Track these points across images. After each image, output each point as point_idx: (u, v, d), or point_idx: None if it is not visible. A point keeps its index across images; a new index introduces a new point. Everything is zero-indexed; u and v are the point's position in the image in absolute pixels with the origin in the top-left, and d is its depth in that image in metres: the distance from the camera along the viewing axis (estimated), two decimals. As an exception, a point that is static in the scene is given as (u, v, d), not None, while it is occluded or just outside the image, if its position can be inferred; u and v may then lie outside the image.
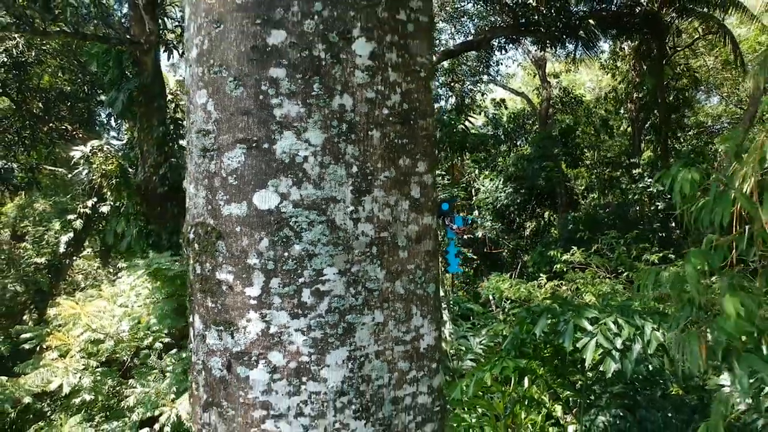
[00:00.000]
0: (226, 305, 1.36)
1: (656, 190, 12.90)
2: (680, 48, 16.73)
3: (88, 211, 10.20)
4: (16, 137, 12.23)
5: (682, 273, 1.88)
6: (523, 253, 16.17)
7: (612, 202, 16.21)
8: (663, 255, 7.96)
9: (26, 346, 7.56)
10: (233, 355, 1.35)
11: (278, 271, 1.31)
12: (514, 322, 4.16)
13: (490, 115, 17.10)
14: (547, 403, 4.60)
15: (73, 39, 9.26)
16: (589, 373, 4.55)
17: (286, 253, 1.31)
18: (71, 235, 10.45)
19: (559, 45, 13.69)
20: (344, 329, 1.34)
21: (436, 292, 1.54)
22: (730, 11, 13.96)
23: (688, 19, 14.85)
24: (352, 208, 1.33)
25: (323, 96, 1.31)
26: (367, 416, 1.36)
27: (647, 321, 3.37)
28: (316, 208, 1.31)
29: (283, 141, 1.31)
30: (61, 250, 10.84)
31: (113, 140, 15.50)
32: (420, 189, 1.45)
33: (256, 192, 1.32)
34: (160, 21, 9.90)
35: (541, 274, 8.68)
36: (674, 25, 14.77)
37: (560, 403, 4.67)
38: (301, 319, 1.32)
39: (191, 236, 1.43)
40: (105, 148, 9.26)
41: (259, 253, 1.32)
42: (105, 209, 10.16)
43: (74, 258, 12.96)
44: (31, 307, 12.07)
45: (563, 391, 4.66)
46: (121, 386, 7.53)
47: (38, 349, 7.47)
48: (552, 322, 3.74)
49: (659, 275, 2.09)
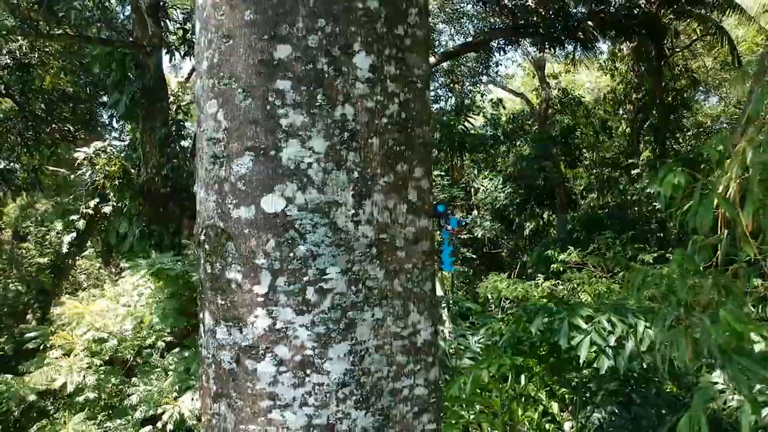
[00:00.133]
0: (235, 302, 1.45)
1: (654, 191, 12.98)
2: (679, 49, 16.83)
3: (91, 212, 10.29)
4: (19, 138, 12.32)
5: (668, 273, 1.97)
6: (522, 253, 16.27)
7: (610, 202, 16.30)
8: (659, 255, 8.06)
9: (30, 345, 7.65)
10: (242, 349, 1.44)
11: (284, 271, 1.40)
12: (511, 320, 4.25)
13: (489, 116, 17.20)
14: (543, 400, 4.69)
15: (77, 41, 9.35)
16: (585, 371, 4.63)
17: (292, 254, 1.40)
18: (74, 235, 10.55)
19: (558, 46, 13.76)
20: (346, 325, 1.43)
21: (432, 290, 1.63)
22: (727, 13, 14.05)
23: (686, 21, 14.94)
24: (353, 212, 1.42)
25: (326, 106, 1.40)
26: (367, 406, 1.45)
27: (640, 319, 3.47)
28: (319, 212, 1.40)
29: (289, 148, 1.39)
30: (64, 250, 10.93)
31: (115, 141, 15.60)
32: (417, 193, 1.54)
33: (264, 196, 1.40)
34: (162, 23, 9.99)
35: (539, 274, 8.77)
36: (672, 27, 14.86)
37: (556, 400, 4.76)
38: (306, 315, 1.41)
39: (202, 238, 1.52)
40: (108, 150, 9.36)
41: (266, 254, 1.41)
42: (107, 210, 10.26)
43: (77, 258, 13.05)
44: (35, 306, 12.16)
45: (559, 388, 4.75)
46: (123, 385, 7.63)
47: (42, 348, 7.56)
48: (548, 321, 3.83)
49: (646, 275, 2.19)
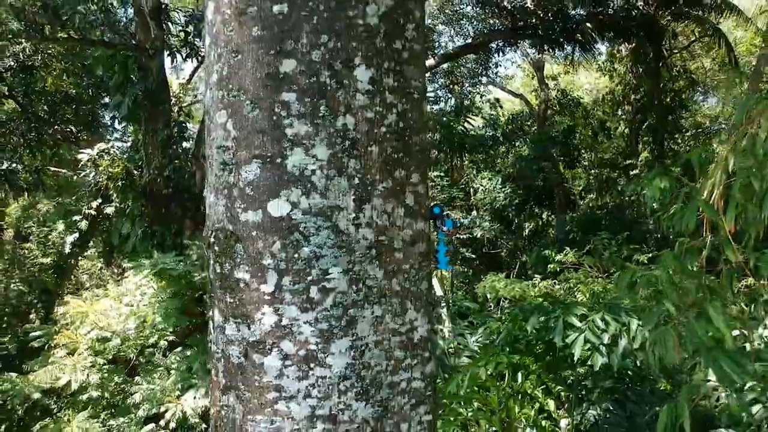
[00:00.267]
0: (244, 300, 1.54)
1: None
2: (677, 50, 16.92)
3: (93, 212, 10.39)
4: (22, 139, 12.42)
5: (655, 274, 2.06)
6: (521, 253, 16.36)
7: (609, 202, 16.40)
8: (654, 255, 8.13)
9: (35, 344, 7.75)
10: (249, 344, 1.54)
11: (289, 271, 1.50)
12: (508, 319, 4.34)
13: (487, 116, 17.30)
14: (540, 398, 4.77)
15: (80, 44, 9.46)
16: (581, 369, 4.73)
17: (296, 255, 1.50)
18: (76, 235, 10.65)
19: (557, 48, 13.86)
20: (347, 321, 1.53)
21: (428, 289, 1.73)
22: (725, 14, 14.15)
23: (684, 23, 15.03)
24: (354, 215, 1.52)
25: (329, 117, 1.50)
26: (367, 398, 1.55)
27: (633, 318, 3.56)
28: (322, 215, 1.50)
29: (294, 156, 1.49)
30: (67, 250, 11.04)
31: (117, 142, 15.70)
32: (414, 198, 1.64)
33: (270, 201, 1.50)
34: (164, 26, 10.09)
35: (536, 274, 8.86)
36: (670, 28, 14.95)
37: (553, 398, 4.85)
38: (309, 313, 1.51)
39: (212, 240, 1.62)
40: (111, 152, 9.46)
41: (273, 255, 1.50)
42: (109, 210, 10.35)
43: (79, 258, 13.15)
44: (38, 306, 12.26)
45: (555, 386, 4.83)
46: (126, 383, 7.72)
47: (47, 347, 7.66)
48: (543, 320, 3.92)
49: (634, 275, 2.28)
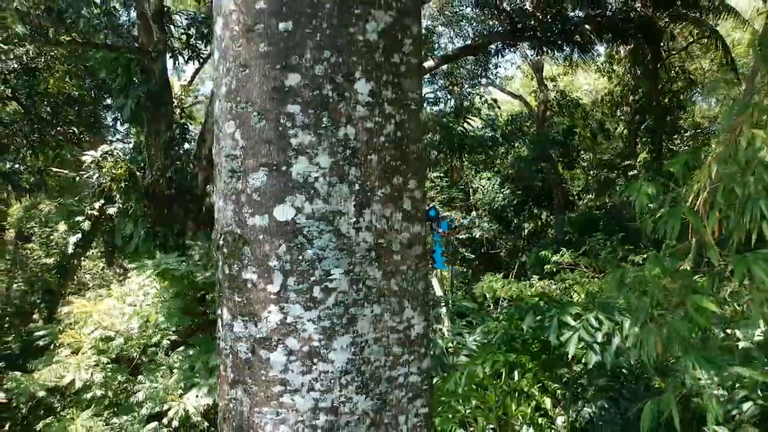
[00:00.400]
0: (251, 299, 1.64)
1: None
2: (675, 52, 17.01)
3: (96, 213, 10.49)
4: (24, 140, 12.52)
5: (642, 275, 2.16)
6: (521, 254, 16.45)
7: (608, 203, 16.49)
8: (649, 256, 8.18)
9: (40, 343, 7.84)
10: (256, 341, 1.64)
11: (294, 272, 1.60)
12: (504, 318, 4.44)
13: (485, 117, 17.38)
14: (536, 396, 4.86)
15: (84, 47, 9.57)
16: (576, 368, 4.82)
17: (301, 257, 1.60)
18: (79, 236, 10.75)
19: (556, 50, 13.95)
20: (348, 319, 1.62)
21: (425, 289, 1.83)
22: (722, 16, 14.24)
23: (682, 24, 15.12)
24: (354, 220, 1.62)
25: (331, 127, 1.60)
26: (367, 391, 1.65)
27: (626, 317, 3.66)
28: (325, 220, 1.59)
29: (298, 164, 1.59)
30: (70, 250, 11.14)
31: (119, 143, 15.82)
32: (411, 203, 1.73)
33: (276, 206, 1.60)
34: (167, 29, 10.19)
35: (534, 275, 8.95)
36: (668, 30, 15.05)
37: (549, 396, 4.93)
38: (313, 311, 1.60)
39: (221, 242, 1.71)
40: (115, 153, 9.57)
41: (278, 257, 1.60)
42: (112, 211, 10.46)
43: (82, 258, 13.25)
44: (41, 306, 12.36)
45: (552, 384, 4.92)
46: (129, 382, 7.81)
47: (51, 346, 7.75)
48: (539, 319, 4.02)
49: (623, 276, 2.37)
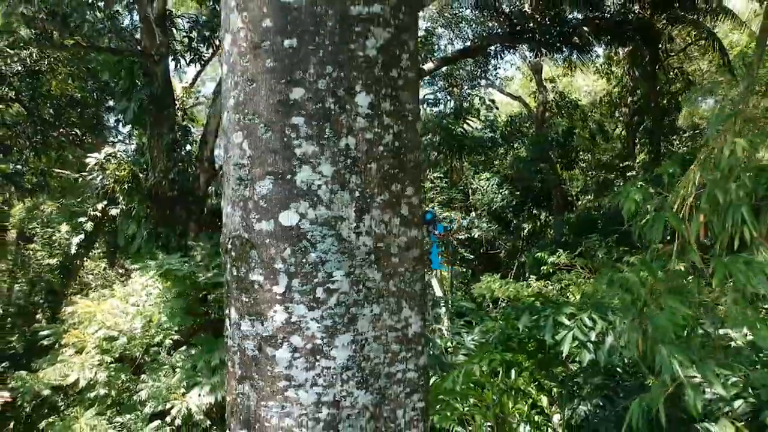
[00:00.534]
0: (258, 300, 1.74)
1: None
2: (673, 53, 17.11)
3: (99, 214, 10.59)
4: (27, 142, 12.63)
5: (625, 276, 2.26)
6: (520, 254, 16.55)
7: (606, 204, 16.58)
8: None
9: (44, 342, 7.94)
10: (263, 339, 1.74)
11: (298, 274, 1.69)
12: (500, 318, 4.53)
13: (483, 117, 17.50)
14: (533, 394, 4.95)
15: (88, 51, 9.68)
16: (572, 366, 4.92)
17: (304, 260, 1.69)
18: (82, 236, 10.85)
19: (554, 52, 14.05)
20: (349, 319, 1.72)
21: (422, 290, 1.93)
22: (720, 18, 14.34)
23: (679, 26, 15.22)
24: (355, 225, 1.71)
25: (333, 138, 1.69)
26: (367, 386, 1.74)
27: (618, 316, 3.75)
28: (327, 225, 1.69)
29: (302, 173, 1.69)
30: (73, 251, 11.24)
31: (120, 144, 15.92)
32: (408, 208, 1.83)
33: (281, 212, 1.69)
34: (169, 32, 10.29)
35: (532, 275, 9.05)
36: (666, 32, 15.14)
37: (545, 394, 5.03)
38: (316, 311, 1.70)
39: (229, 246, 1.81)
40: (118, 155, 9.68)
41: (284, 260, 1.70)
42: (114, 212, 10.56)
43: (85, 259, 13.34)
44: (44, 306, 12.45)
45: (548, 382, 5.02)
46: (132, 381, 7.92)
47: (56, 345, 7.85)
48: (534, 318, 4.12)
49: (612, 277, 2.47)
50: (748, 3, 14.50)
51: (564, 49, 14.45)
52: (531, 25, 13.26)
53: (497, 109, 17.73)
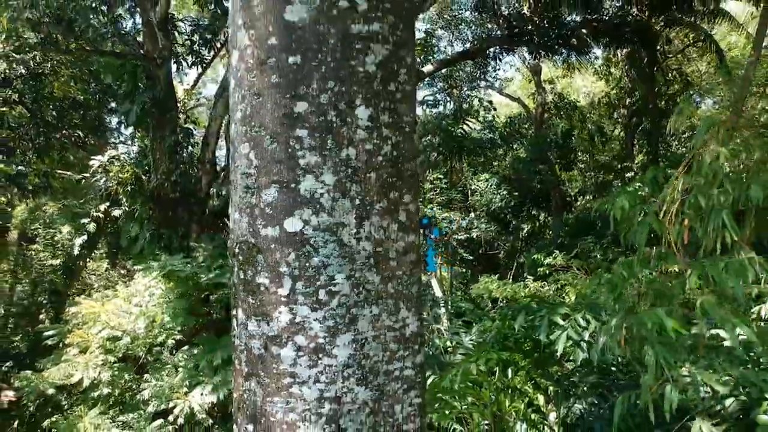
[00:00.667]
0: (263, 301, 1.84)
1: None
2: (671, 55, 17.21)
3: (101, 215, 10.69)
4: (30, 143, 12.73)
5: (616, 278, 2.36)
6: (519, 255, 16.64)
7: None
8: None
9: (49, 342, 8.04)
10: (269, 338, 1.84)
11: (302, 277, 1.79)
12: (497, 318, 4.63)
13: (482, 119, 17.59)
14: (529, 392, 5.05)
15: (91, 54, 9.79)
16: (568, 365, 5.01)
17: (308, 264, 1.79)
18: (85, 237, 10.95)
19: (553, 53, 14.15)
20: (350, 319, 1.81)
21: (418, 292, 2.03)
22: (717, 20, 14.44)
23: (677, 28, 15.32)
24: (355, 231, 1.81)
25: (334, 149, 1.80)
26: (367, 383, 1.84)
27: (609, 316, 3.85)
28: (329, 231, 1.79)
29: (306, 182, 1.79)
30: (75, 252, 11.34)
31: (123, 146, 16.02)
32: (406, 215, 1.93)
33: (286, 219, 1.79)
34: (171, 35, 10.40)
35: (528, 276, 9.15)
36: (664, 34, 15.24)
37: (542, 392, 5.13)
38: (318, 312, 1.80)
39: (236, 250, 1.92)
40: (121, 158, 9.79)
41: (288, 264, 1.80)
42: (117, 213, 10.66)
43: (87, 260, 13.44)
44: (48, 306, 12.54)
45: (544, 381, 5.11)
46: (135, 381, 8.01)
47: (60, 345, 7.95)
48: (530, 318, 4.22)
49: (600, 279, 2.57)
50: (745, 5, 14.61)
51: (562, 51, 14.57)
52: (530, 27, 13.36)
53: (495, 110, 17.83)
